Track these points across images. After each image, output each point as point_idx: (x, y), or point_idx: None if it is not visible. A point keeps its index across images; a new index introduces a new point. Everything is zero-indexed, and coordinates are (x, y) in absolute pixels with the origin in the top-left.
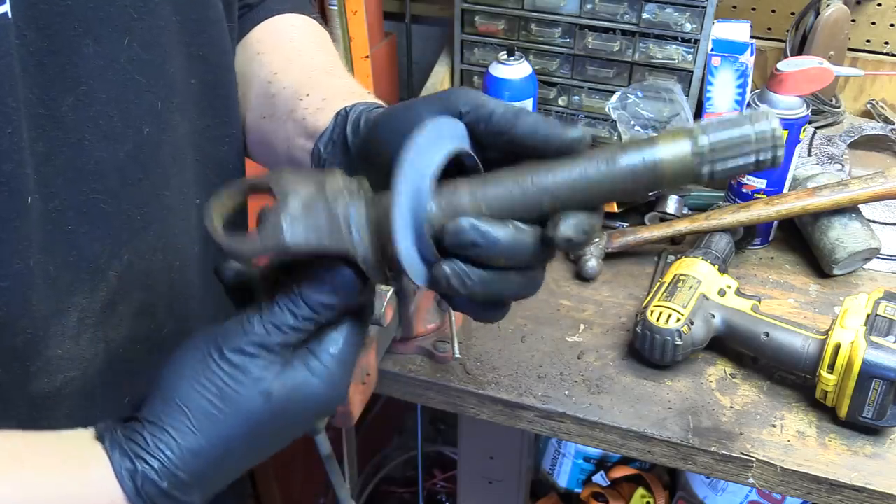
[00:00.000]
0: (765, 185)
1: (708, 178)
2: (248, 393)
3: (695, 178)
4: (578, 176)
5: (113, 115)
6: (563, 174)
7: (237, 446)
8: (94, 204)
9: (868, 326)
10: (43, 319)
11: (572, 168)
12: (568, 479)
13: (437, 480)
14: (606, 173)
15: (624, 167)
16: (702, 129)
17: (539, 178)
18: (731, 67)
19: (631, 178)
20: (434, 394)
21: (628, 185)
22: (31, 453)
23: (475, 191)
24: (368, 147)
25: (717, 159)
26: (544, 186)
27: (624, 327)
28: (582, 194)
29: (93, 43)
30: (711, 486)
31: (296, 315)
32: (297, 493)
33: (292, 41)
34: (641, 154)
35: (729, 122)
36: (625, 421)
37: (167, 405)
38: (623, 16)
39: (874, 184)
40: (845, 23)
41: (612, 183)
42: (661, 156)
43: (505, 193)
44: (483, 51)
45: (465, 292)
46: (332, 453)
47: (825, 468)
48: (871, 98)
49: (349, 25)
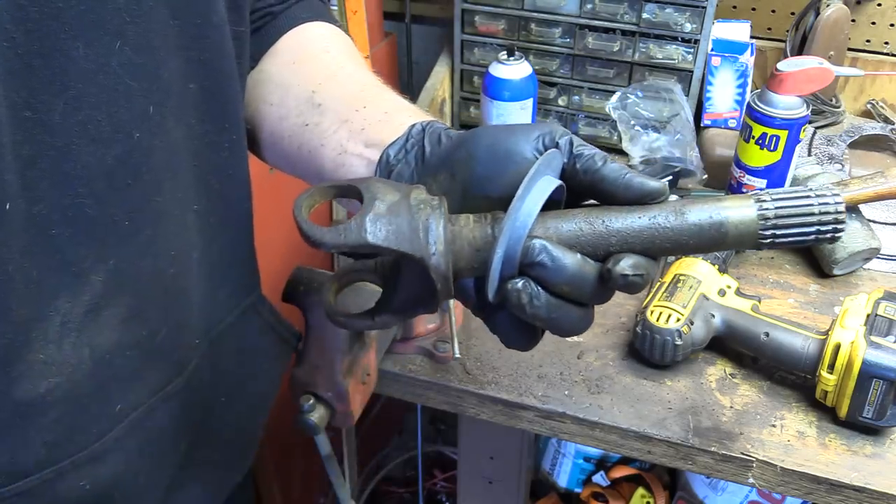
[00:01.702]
0: (765, 185)
1: (769, 246)
2: None
3: (756, 244)
4: (647, 224)
5: (102, 120)
6: (632, 220)
7: None
8: (78, 208)
9: (868, 326)
10: (23, 324)
11: (643, 216)
12: (568, 479)
13: (437, 480)
14: (674, 225)
15: (691, 222)
16: (770, 196)
17: (610, 220)
18: (731, 67)
19: (696, 233)
20: (434, 394)
21: (692, 240)
22: None
23: (551, 222)
24: (451, 161)
25: (780, 227)
26: (614, 228)
27: (624, 327)
28: (647, 242)
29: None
30: (711, 486)
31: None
32: (297, 493)
33: (328, 52)
34: (709, 212)
35: (796, 194)
36: (625, 421)
37: None
38: (623, 16)
39: (874, 184)
40: (845, 23)
41: (678, 235)
42: (728, 216)
43: (576, 228)
44: (483, 51)
45: (530, 310)
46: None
47: (825, 468)
48: (871, 98)
49: (349, 25)
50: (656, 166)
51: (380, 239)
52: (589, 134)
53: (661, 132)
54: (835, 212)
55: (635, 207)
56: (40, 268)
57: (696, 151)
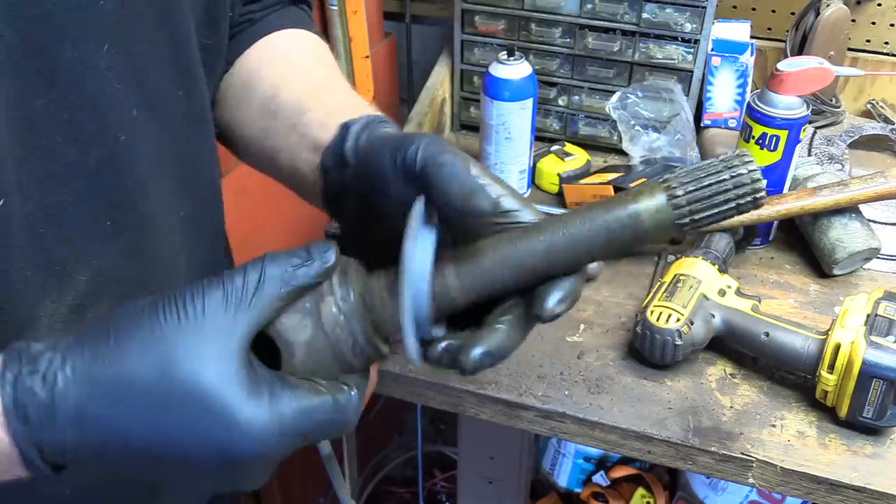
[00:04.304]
0: (765, 185)
1: (691, 228)
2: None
3: (676, 230)
4: (560, 241)
5: (86, 121)
6: (542, 242)
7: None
8: (62, 208)
9: (868, 326)
10: (18, 325)
11: (553, 233)
12: (568, 479)
13: (437, 480)
14: (585, 233)
15: (602, 225)
16: (679, 180)
17: (518, 251)
18: (731, 67)
19: (611, 234)
20: (434, 394)
21: (609, 243)
22: None
23: (462, 274)
24: (366, 164)
25: (697, 210)
26: (525, 257)
27: (624, 327)
28: (564, 258)
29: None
30: (711, 486)
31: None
32: (297, 493)
33: (292, 56)
34: (619, 211)
35: (705, 171)
36: (625, 421)
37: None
38: (623, 16)
39: (874, 184)
40: (845, 23)
41: (592, 241)
42: (640, 209)
43: (489, 274)
44: (483, 51)
45: (457, 366)
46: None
47: (825, 468)
48: (871, 98)
49: (349, 25)
50: (656, 166)
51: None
52: (589, 134)
53: (661, 132)
54: (750, 180)
55: (542, 225)
56: (32, 268)
57: (696, 151)
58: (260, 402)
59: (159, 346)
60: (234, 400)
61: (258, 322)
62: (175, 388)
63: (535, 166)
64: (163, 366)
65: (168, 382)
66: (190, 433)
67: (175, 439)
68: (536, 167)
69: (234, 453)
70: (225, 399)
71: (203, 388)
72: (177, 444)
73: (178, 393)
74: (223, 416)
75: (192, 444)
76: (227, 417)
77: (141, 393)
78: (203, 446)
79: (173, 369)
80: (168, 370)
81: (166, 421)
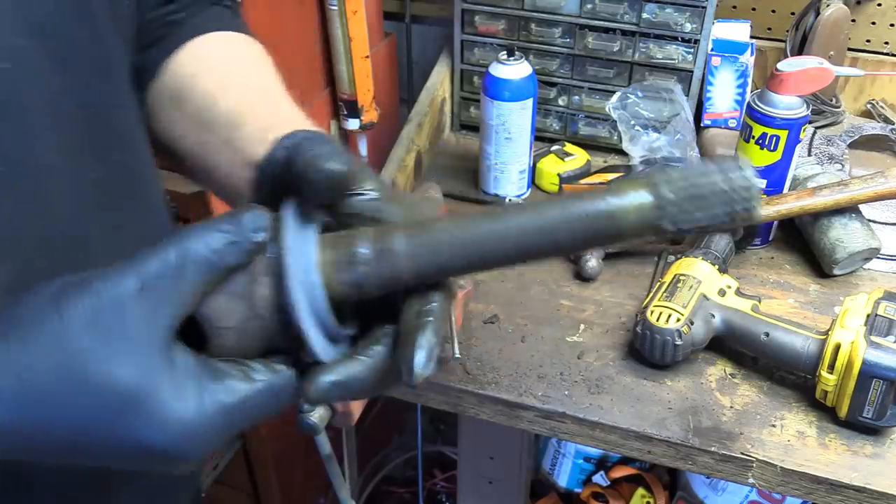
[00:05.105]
0: (765, 185)
1: (674, 233)
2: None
3: (657, 233)
4: (530, 227)
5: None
6: (510, 226)
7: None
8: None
9: (868, 326)
10: None
11: (522, 218)
12: (568, 479)
13: (437, 480)
14: (559, 225)
15: (577, 216)
16: (666, 180)
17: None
18: (731, 67)
19: (583, 229)
20: (434, 394)
21: (581, 238)
22: None
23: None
24: (287, 179)
25: (682, 213)
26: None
27: (624, 327)
28: (530, 245)
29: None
30: (711, 486)
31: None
32: (297, 493)
33: (227, 64)
34: (595, 205)
35: (696, 173)
36: (625, 421)
37: None
38: (623, 16)
39: (874, 184)
40: (845, 23)
41: (562, 234)
42: (619, 206)
43: (445, 252)
44: (483, 51)
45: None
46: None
47: (825, 468)
48: (871, 98)
49: (349, 25)
50: (656, 166)
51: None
52: (589, 134)
53: (661, 132)
54: (745, 187)
55: (510, 211)
56: None
57: (696, 151)
58: (187, 399)
59: (68, 350)
60: (157, 400)
61: (180, 314)
62: (91, 395)
63: (535, 166)
64: (75, 372)
65: (83, 389)
66: (116, 441)
67: (100, 445)
68: (536, 167)
69: (165, 453)
70: (148, 400)
71: (122, 392)
72: (102, 450)
73: (95, 400)
74: (148, 417)
75: (118, 449)
76: (152, 418)
77: (54, 405)
78: (130, 450)
79: (87, 374)
80: (81, 376)
81: (91, 429)
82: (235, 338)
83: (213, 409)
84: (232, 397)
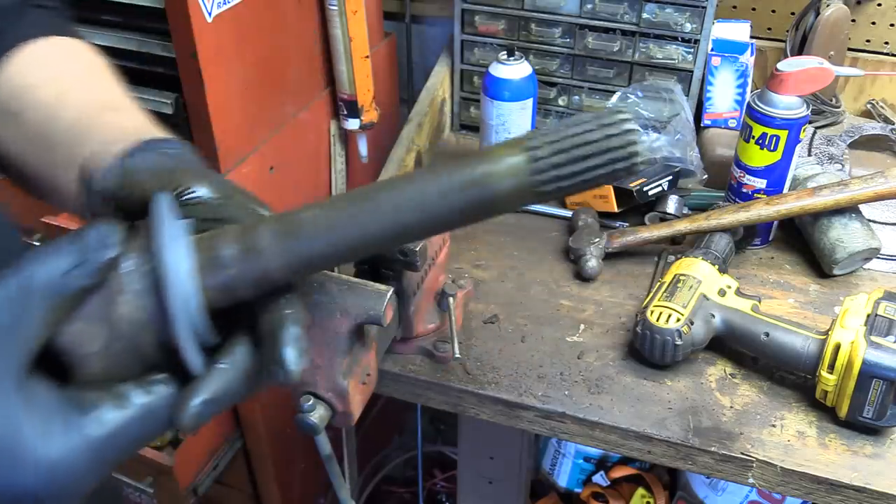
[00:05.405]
0: (765, 185)
1: (555, 195)
2: None
3: (537, 197)
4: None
5: None
6: (380, 211)
7: None
8: None
9: (868, 326)
10: None
11: (391, 201)
12: (568, 479)
13: (437, 480)
14: (430, 202)
15: (448, 190)
16: (541, 138)
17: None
18: (731, 67)
19: (457, 203)
20: (434, 394)
21: (457, 212)
22: None
23: (282, 247)
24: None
25: (560, 174)
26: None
27: (624, 327)
28: (403, 229)
29: None
30: (711, 486)
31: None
32: (297, 493)
33: (62, 73)
34: (466, 175)
35: (571, 129)
36: (625, 421)
37: None
38: (623, 16)
39: (874, 184)
40: (845, 23)
41: (435, 212)
42: (492, 171)
43: (314, 246)
44: (483, 51)
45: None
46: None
47: (825, 468)
48: (871, 98)
49: (349, 25)
50: (656, 166)
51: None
52: None
53: (661, 132)
54: (622, 139)
55: (377, 193)
56: None
57: (696, 151)
58: (52, 436)
59: None
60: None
61: (31, 347)
62: None
63: None
64: None
65: None
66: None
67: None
68: None
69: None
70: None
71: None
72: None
73: None
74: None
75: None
76: (17, 462)
77: None
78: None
79: None
80: None
81: None
82: (102, 363)
83: (82, 444)
84: (102, 429)
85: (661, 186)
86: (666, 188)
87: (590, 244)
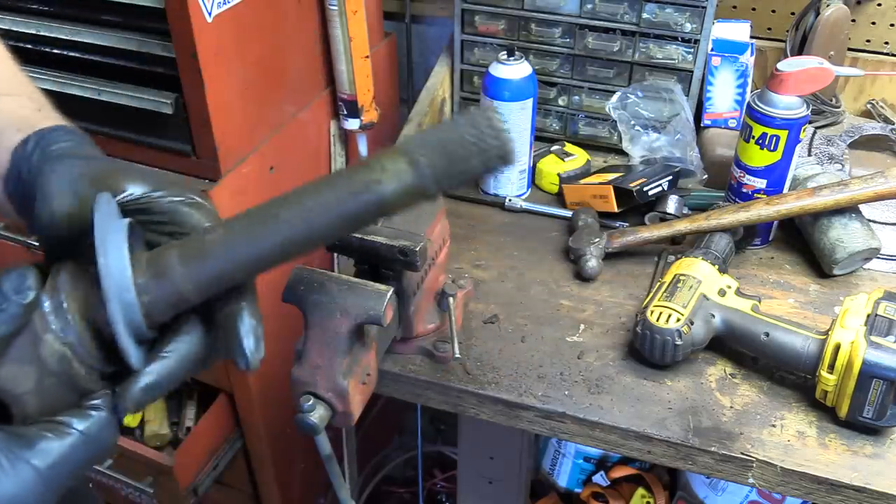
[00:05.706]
0: (765, 185)
1: (440, 192)
2: None
3: (423, 198)
4: (297, 227)
5: None
6: (277, 231)
7: None
8: None
9: (868, 326)
10: None
11: (286, 221)
12: (568, 479)
13: (437, 480)
14: (325, 215)
15: (339, 202)
16: (419, 145)
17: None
18: (731, 67)
19: (349, 213)
20: (434, 394)
21: (349, 222)
22: None
23: (190, 271)
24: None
25: (441, 174)
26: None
27: (624, 327)
28: (300, 243)
29: None
30: (711, 486)
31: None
32: (297, 493)
33: None
34: (354, 187)
35: (446, 133)
36: (625, 421)
37: None
38: (623, 16)
39: (874, 184)
40: (845, 23)
41: (329, 224)
42: (381, 180)
43: (222, 267)
44: (483, 51)
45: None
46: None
47: (825, 468)
48: (871, 98)
49: (349, 25)
50: (656, 166)
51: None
52: (589, 134)
53: (661, 132)
54: (492, 135)
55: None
56: None
57: (696, 151)
58: (1, 475)
59: None
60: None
61: None
62: None
63: (535, 166)
64: None
65: None
66: None
67: None
68: (536, 167)
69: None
70: None
71: None
72: None
73: None
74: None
75: None
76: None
77: None
78: None
79: None
80: None
81: None
82: (37, 400)
83: (30, 476)
84: (48, 458)
85: (661, 186)
86: (666, 188)
87: (590, 244)
